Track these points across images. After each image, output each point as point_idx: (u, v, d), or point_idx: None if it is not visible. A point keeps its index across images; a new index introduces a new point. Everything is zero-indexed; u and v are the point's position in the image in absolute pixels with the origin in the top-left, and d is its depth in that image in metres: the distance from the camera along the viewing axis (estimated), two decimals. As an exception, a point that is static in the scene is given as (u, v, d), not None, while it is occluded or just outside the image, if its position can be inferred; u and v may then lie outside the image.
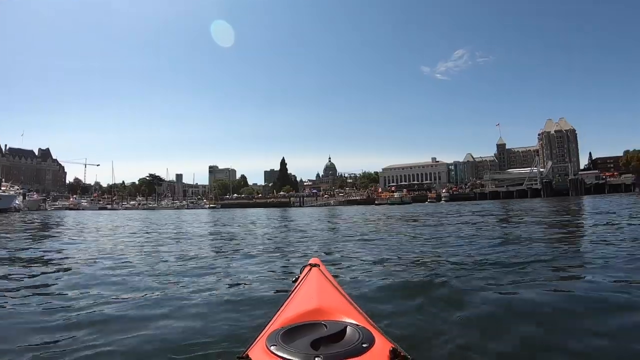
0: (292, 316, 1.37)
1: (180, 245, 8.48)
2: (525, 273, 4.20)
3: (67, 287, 4.09)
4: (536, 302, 3.11)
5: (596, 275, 4.01)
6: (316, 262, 1.87)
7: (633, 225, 9.87)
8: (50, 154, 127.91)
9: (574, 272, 4.40)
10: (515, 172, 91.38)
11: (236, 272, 4.95)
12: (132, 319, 2.90)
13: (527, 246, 6.49)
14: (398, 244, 7.86)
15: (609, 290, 3.44)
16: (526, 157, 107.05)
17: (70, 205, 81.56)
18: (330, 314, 1.36)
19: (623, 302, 3.02)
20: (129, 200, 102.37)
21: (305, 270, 1.81)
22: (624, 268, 4.34)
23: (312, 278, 1.71)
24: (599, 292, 3.32)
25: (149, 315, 3.01)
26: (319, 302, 1.44)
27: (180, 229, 15.00)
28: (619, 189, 65.18)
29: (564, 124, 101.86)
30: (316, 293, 1.54)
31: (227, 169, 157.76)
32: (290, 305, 1.48)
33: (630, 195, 44.42)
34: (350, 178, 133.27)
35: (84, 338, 2.51)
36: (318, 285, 1.63)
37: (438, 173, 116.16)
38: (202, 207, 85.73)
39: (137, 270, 5.08)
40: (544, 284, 3.73)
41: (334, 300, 1.49)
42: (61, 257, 6.69)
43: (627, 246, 6.07)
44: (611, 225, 10.11)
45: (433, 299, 3.23)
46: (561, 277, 4.12)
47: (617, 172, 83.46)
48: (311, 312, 1.37)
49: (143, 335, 2.54)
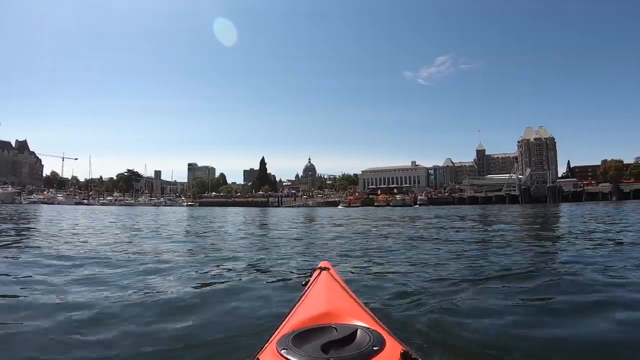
0: (303, 320, 1.36)
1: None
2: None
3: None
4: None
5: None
6: (326, 265, 1.87)
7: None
8: (27, 146, 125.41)
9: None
10: (494, 178, 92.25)
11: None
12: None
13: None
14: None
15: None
16: (505, 163, 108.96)
17: (45, 199, 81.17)
18: (341, 317, 1.35)
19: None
20: (105, 196, 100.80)
21: (315, 273, 1.82)
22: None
23: (322, 281, 1.71)
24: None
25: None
26: (329, 305, 1.44)
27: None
28: (597, 197, 65.91)
29: (543, 132, 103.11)
30: (326, 296, 1.54)
31: (206, 167, 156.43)
32: (301, 308, 1.48)
33: (607, 204, 45.24)
34: (329, 179, 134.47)
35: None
36: (328, 289, 1.63)
37: (417, 177, 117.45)
38: (179, 205, 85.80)
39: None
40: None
41: (344, 303, 1.49)
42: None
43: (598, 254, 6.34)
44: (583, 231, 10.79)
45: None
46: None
47: (595, 181, 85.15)
48: (321, 315, 1.37)
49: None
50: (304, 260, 6.27)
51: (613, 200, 58.50)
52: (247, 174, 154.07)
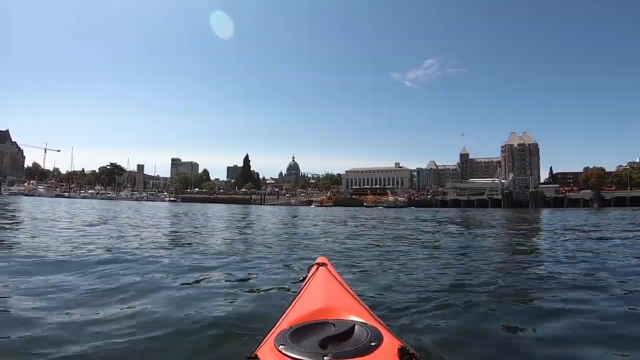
0: (300, 315, 1.37)
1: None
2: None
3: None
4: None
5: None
6: (324, 261, 1.86)
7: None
8: (9, 135, 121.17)
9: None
10: (477, 182, 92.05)
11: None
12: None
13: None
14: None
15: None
16: (488, 167, 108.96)
17: (26, 191, 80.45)
18: (338, 313, 1.36)
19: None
20: (87, 189, 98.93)
21: (312, 269, 1.80)
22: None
23: (319, 277, 1.71)
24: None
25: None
26: (326, 301, 1.45)
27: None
28: (578, 203, 65.71)
29: (527, 138, 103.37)
30: (324, 292, 1.55)
31: (190, 163, 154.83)
32: (298, 304, 1.48)
33: (590, 211, 44.83)
34: (313, 178, 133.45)
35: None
36: (326, 284, 1.63)
37: (401, 178, 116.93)
38: (162, 200, 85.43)
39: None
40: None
41: (341, 299, 1.49)
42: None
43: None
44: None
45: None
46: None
47: (576, 187, 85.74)
48: (319, 311, 1.37)
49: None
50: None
51: (594, 207, 58.13)
52: (230, 171, 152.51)
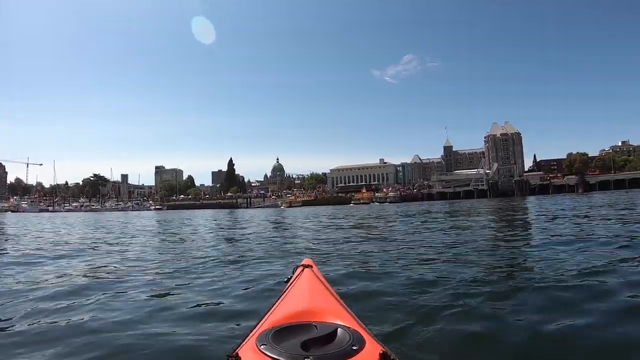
0: (283, 316, 1.36)
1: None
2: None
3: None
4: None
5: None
6: (309, 262, 1.84)
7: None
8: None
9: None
10: (462, 174, 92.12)
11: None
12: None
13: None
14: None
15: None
16: (472, 159, 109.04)
17: (11, 207, 79.84)
18: (321, 316, 1.35)
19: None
20: (71, 202, 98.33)
21: (297, 270, 1.78)
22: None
23: (304, 279, 1.69)
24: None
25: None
26: (310, 303, 1.44)
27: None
28: (563, 189, 65.62)
29: (509, 128, 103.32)
30: (308, 294, 1.53)
31: (174, 170, 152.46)
32: (282, 305, 1.47)
33: (579, 196, 44.23)
34: (298, 179, 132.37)
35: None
36: (310, 286, 1.61)
37: (386, 174, 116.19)
38: (147, 209, 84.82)
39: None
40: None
41: (325, 301, 1.48)
42: None
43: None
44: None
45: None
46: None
47: (561, 174, 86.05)
48: (302, 312, 1.37)
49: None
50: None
51: (579, 192, 57.83)
52: (215, 176, 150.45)
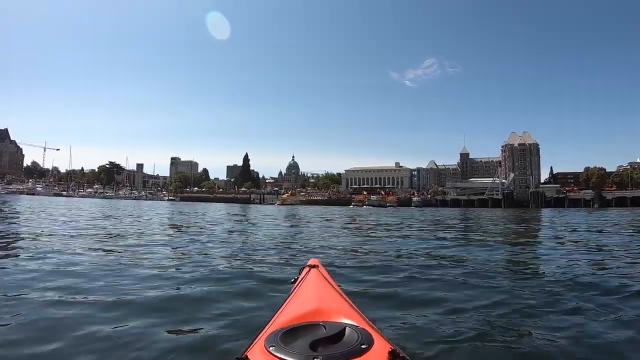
0: (291, 317, 1.37)
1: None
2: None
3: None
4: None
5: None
6: (315, 263, 1.86)
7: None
8: (8, 134, 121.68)
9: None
10: (477, 182, 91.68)
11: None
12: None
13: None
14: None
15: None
16: (488, 167, 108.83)
17: (25, 190, 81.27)
18: (329, 315, 1.36)
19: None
20: (85, 188, 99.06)
21: (304, 271, 1.81)
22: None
23: (311, 279, 1.71)
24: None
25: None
26: (317, 303, 1.44)
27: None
28: (579, 203, 65.42)
29: (527, 138, 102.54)
30: (315, 294, 1.54)
31: (189, 162, 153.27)
32: (289, 306, 1.48)
33: (593, 212, 43.75)
34: (312, 178, 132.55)
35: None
36: (317, 286, 1.62)
37: (401, 178, 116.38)
38: (160, 199, 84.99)
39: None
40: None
41: (332, 301, 1.49)
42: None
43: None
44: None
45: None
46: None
47: (577, 187, 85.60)
48: (310, 313, 1.38)
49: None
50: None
51: (595, 207, 57.76)
52: (230, 170, 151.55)
